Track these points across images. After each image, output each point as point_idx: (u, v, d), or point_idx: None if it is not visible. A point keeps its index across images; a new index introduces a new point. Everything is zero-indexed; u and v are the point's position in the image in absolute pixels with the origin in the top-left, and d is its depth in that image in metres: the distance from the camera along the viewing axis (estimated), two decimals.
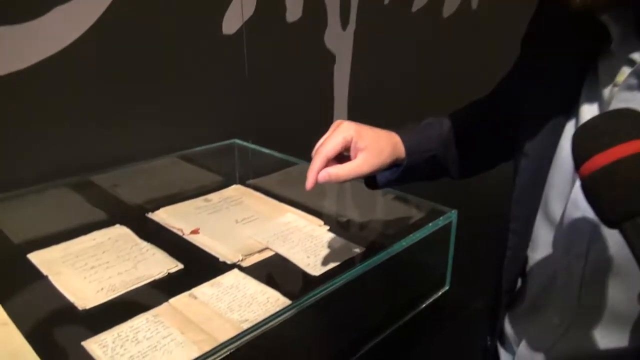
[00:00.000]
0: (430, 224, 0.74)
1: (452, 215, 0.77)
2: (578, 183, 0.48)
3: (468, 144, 0.67)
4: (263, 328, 0.51)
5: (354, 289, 0.64)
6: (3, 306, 0.67)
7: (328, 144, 0.57)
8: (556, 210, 0.51)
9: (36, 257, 0.78)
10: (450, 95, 0.70)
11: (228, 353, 0.48)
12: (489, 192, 0.91)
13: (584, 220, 0.48)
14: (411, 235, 0.71)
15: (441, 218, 0.75)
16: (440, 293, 0.80)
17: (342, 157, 0.60)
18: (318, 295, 0.57)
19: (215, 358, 0.47)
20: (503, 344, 0.62)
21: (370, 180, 0.67)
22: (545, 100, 0.52)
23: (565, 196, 0.50)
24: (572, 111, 0.50)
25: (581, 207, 0.48)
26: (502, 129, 0.64)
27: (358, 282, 0.63)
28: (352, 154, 0.59)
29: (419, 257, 0.75)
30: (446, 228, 0.76)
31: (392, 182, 0.66)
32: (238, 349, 0.49)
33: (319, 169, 0.57)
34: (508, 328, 0.61)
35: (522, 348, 0.58)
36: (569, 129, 0.50)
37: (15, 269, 0.77)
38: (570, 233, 0.50)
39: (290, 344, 0.57)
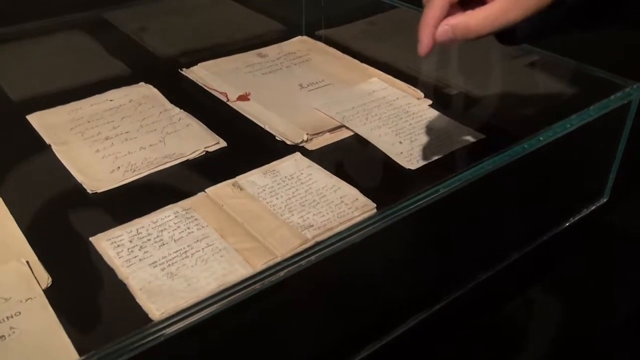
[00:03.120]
0: (592, 107, 0.61)
1: (634, 93, 0.62)
2: None
3: None
4: (339, 244, 0.42)
5: (469, 194, 0.54)
6: None
7: None
8: None
9: (37, 120, 0.75)
10: None
11: (288, 276, 0.40)
12: None
13: None
14: (562, 122, 0.59)
15: (613, 97, 0.62)
16: (593, 207, 0.70)
17: None
18: (420, 203, 0.47)
19: (271, 282, 0.39)
20: None
21: (507, 31, 0.54)
22: None
23: None
24: None
25: None
26: None
27: (476, 185, 0.53)
28: None
29: (569, 154, 0.64)
30: (619, 112, 0.63)
31: (540, 33, 0.52)
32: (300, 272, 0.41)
33: (437, 21, 0.46)
34: None
35: None
36: None
37: (11, 134, 0.74)
38: None
39: (374, 268, 0.50)
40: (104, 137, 0.72)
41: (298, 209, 0.61)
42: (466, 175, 0.51)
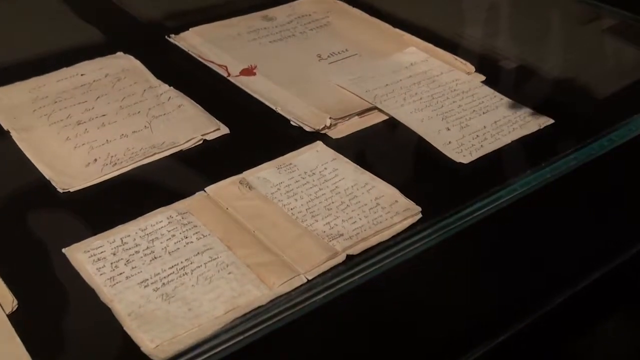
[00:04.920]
0: None
1: None
2: None
3: None
4: (385, 261, 0.41)
5: (539, 199, 0.54)
6: None
7: None
8: None
9: None
10: None
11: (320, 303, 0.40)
12: None
13: None
14: None
15: None
16: None
17: None
18: (483, 211, 0.47)
19: (300, 309, 0.39)
20: None
21: None
22: None
23: None
24: None
25: None
26: None
27: (548, 187, 0.53)
28: None
29: None
30: None
31: None
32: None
33: None
34: None
35: None
36: None
37: None
38: None
39: (423, 290, 0.49)
40: (76, 121, 0.72)
41: (323, 213, 0.61)
42: (537, 177, 0.51)
